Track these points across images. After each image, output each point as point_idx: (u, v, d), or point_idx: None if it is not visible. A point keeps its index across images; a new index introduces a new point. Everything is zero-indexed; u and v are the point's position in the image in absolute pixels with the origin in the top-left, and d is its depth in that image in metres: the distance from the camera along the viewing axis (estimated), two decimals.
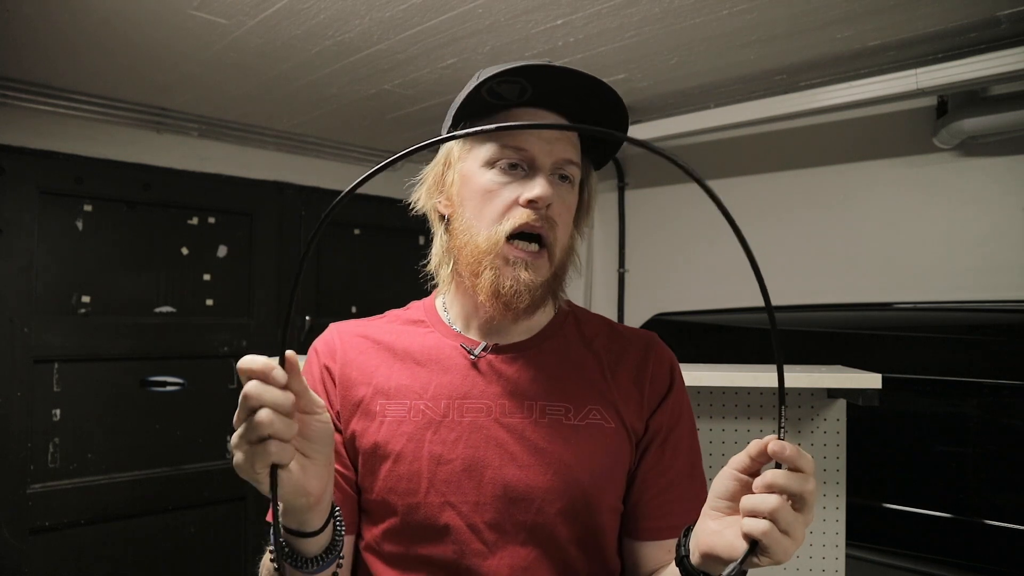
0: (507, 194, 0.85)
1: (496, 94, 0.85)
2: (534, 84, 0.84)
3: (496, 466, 0.85)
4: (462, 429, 0.86)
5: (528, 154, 0.85)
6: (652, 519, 0.89)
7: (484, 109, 0.87)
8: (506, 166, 0.86)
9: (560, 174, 0.87)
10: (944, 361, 2.09)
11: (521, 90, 0.85)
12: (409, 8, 1.87)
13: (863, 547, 2.01)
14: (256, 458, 0.64)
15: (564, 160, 0.87)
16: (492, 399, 0.87)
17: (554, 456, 0.85)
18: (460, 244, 0.88)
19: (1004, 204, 2.23)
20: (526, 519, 0.84)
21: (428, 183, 0.94)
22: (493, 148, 0.86)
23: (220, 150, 3.01)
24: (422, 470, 0.85)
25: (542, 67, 0.82)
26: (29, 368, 2.55)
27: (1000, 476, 1.95)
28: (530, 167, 0.86)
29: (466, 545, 0.84)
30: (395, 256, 3.54)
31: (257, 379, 0.63)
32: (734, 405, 1.73)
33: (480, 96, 0.85)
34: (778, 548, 0.62)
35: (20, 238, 2.55)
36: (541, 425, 0.86)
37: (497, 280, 0.85)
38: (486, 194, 0.86)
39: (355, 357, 0.93)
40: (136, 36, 2.07)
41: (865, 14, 1.89)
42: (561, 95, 0.86)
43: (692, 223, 3.00)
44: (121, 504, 2.72)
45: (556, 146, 0.86)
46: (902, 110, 2.40)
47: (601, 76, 0.83)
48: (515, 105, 0.87)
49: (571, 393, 0.89)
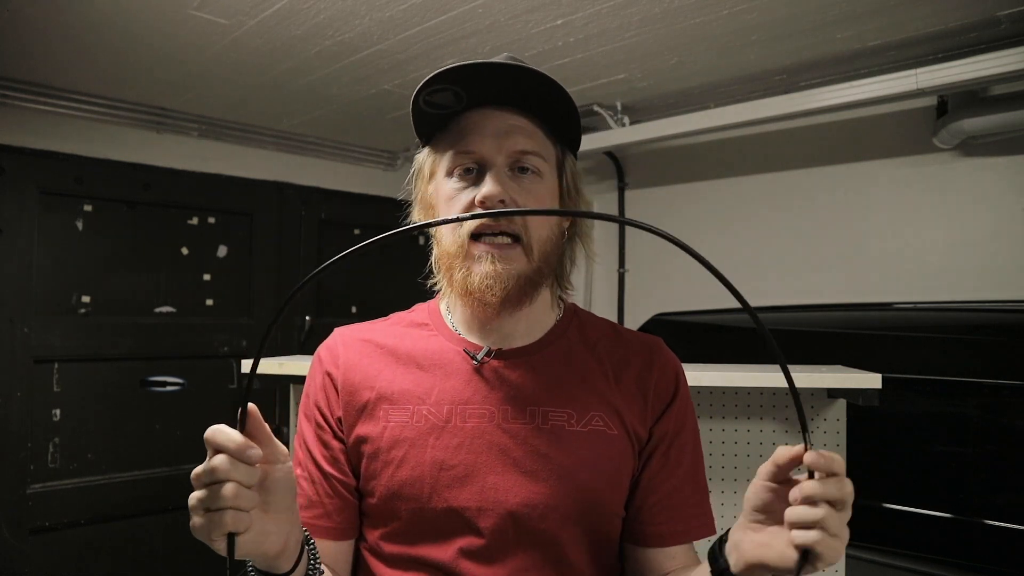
0: (464, 198, 0.86)
1: (434, 104, 0.86)
2: (466, 88, 0.84)
3: (498, 472, 0.85)
4: (464, 435, 0.86)
5: (477, 155, 0.86)
6: (656, 525, 0.89)
7: (439, 119, 0.89)
8: (462, 171, 0.87)
9: (519, 167, 0.86)
10: (944, 361, 2.09)
11: (456, 96, 0.85)
12: (409, 8, 1.87)
13: (863, 547, 2.01)
14: (214, 527, 0.63)
15: (519, 152, 0.86)
16: (495, 405, 0.87)
17: (556, 462, 0.85)
18: (440, 252, 0.90)
19: (1004, 204, 2.23)
20: (528, 525, 0.84)
21: (416, 199, 0.96)
22: (448, 157, 0.88)
23: (220, 150, 3.01)
24: (424, 476, 0.85)
25: (460, 68, 0.81)
26: (29, 368, 2.55)
27: (1000, 476, 1.95)
28: (481, 167, 0.86)
29: (468, 550, 0.84)
30: (395, 256, 3.54)
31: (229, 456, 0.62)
32: (734, 405, 1.73)
33: (420, 109, 0.86)
34: (831, 552, 0.63)
35: (20, 238, 2.55)
36: (543, 431, 0.86)
37: (466, 278, 0.86)
38: (448, 201, 0.87)
39: (358, 361, 0.93)
40: (136, 36, 2.07)
41: (865, 14, 1.89)
42: (502, 92, 0.85)
43: (692, 223, 3.00)
44: (121, 504, 2.72)
45: (507, 141, 0.85)
46: (902, 110, 2.40)
47: (601, 76, 0.83)
48: (461, 111, 0.87)
49: (574, 399, 0.89)
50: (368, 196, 3.43)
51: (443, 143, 0.89)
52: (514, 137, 0.86)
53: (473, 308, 0.88)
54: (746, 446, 1.72)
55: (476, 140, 0.85)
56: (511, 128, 0.86)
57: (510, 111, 0.87)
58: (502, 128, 0.86)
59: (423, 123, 0.90)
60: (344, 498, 0.90)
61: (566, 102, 0.86)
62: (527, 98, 0.86)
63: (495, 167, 0.85)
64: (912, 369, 2.10)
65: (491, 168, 0.85)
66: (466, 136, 0.86)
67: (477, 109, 0.87)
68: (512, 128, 0.86)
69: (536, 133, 0.88)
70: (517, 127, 0.86)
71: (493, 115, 0.86)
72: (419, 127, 0.90)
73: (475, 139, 0.85)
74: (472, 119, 0.86)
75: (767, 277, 2.74)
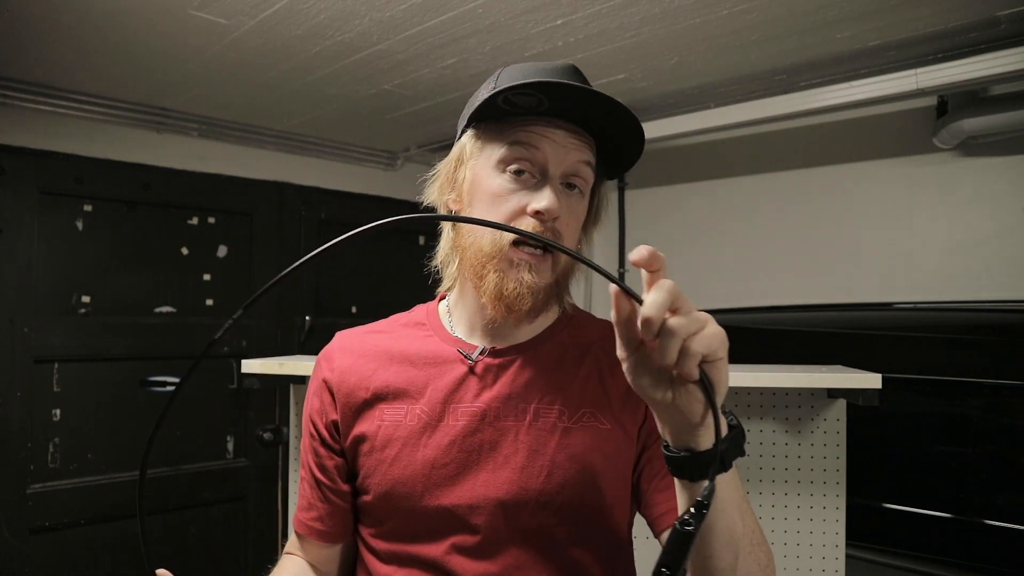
0: (515, 201, 0.84)
1: (512, 103, 0.84)
2: (551, 97, 0.83)
3: (489, 469, 0.86)
4: (456, 433, 0.87)
5: (540, 157, 0.84)
6: (656, 507, 0.89)
7: (498, 113, 0.87)
8: (516, 170, 0.85)
9: (568, 183, 0.86)
10: (944, 361, 2.09)
11: (537, 102, 0.83)
12: (409, 8, 1.87)
13: (863, 547, 2.01)
14: None
15: (575, 169, 0.86)
16: (486, 402, 0.88)
17: (547, 458, 0.86)
18: (466, 244, 0.88)
19: (1004, 204, 2.23)
20: (519, 521, 0.84)
21: (440, 179, 0.94)
22: (505, 148, 0.85)
23: (220, 150, 3.01)
24: (417, 474, 0.86)
25: (560, 85, 0.81)
26: (29, 368, 2.55)
27: (1000, 476, 1.95)
28: (541, 175, 0.85)
29: (461, 547, 0.85)
30: (395, 256, 3.54)
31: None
32: (734, 405, 1.73)
33: (496, 104, 0.84)
34: (712, 348, 0.59)
35: (20, 238, 2.55)
36: (534, 427, 0.87)
37: (501, 282, 0.85)
38: (495, 198, 0.85)
39: (353, 363, 0.94)
40: (136, 36, 2.07)
41: (865, 14, 1.89)
42: (578, 109, 0.85)
43: (692, 223, 3.00)
44: (121, 504, 2.72)
45: (570, 154, 0.85)
46: (902, 110, 2.41)
47: (601, 76, 0.83)
48: (531, 114, 0.86)
49: (566, 395, 0.89)
50: (368, 196, 3.43)
51: (500, 135, 0.86)
52: (576, 152, 0.86)
53: (496, 312, 0.87)
54: (746, 446, 1.72)
55: (546, 146, 0.84)
56: (576, 145, 0.86)
57: (577, 128, 0.86)
58: (569, 143, 0.85)
59: (485, 114, 0.87)
60: (334, 504, 0.94)
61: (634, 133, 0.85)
62: (594, 120, 0.86)
63: (553, 179, 0.85)
64: (912, 369, 2.10)
65: (550, 179, 0.84)
66: (535, 140, 0.84)
67: (545, 118, 0.86)
68: (576, 145, 0.86)
69: (591, 153, 0.88)
70: (580, 145, 0.86)
71: (564, 127, 0.85)
72: (477, 115, 0.88)
73: (546, 145, 0.84)
74: (543, 124, 0.85)
75: (767, 277, 2.74)
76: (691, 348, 0.58)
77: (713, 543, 0.69)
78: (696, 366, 0.59)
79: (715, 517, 0.68)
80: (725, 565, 0.70)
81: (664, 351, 0.58)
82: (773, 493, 1.70)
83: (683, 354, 0.58)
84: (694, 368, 0.59)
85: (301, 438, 1.01)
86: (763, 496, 1.70)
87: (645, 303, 0.58)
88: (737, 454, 0.67)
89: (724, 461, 0.65)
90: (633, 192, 3.22)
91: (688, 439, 0.64)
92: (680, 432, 0.65)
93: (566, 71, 0.88)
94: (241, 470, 3.05)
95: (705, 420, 0.63)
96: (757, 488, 1.70)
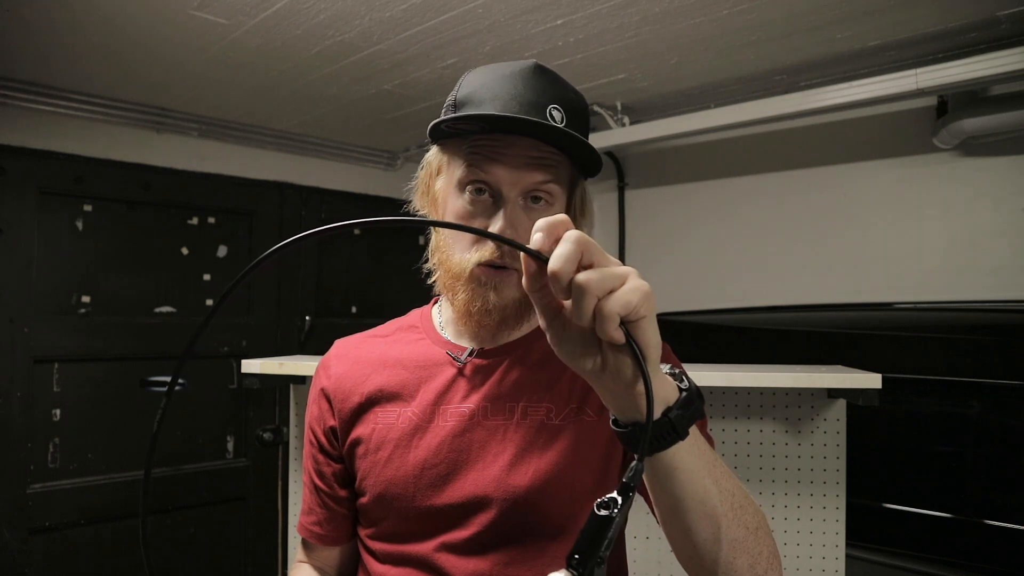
0: (476, 225, 0.84)
1: (456, 129, 0.84)
2: (491, 123, 0.81)
3: (479, 468, 0.86)
4: (446, 433, 0.88)
5: (493, 180, 0.83)
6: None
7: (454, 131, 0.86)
8: (474, 191, 0.85)
9: (532, 196, 0.85)
10: (944, 361, 2.09)
11: (481, 127, 0.83)
12: (409, 8, 1.87)
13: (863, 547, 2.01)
14: None
15: (532, 187, 0.84)
16: (475, 403, 0.89)
17: (536, 455, 0.86)
18: (442, 258, 0.90)
19: (1004, 204, 2.23)
20: (508, 518, 0.85)
21: (420, 189, 0.95)
22: (463, 168, 0.84)
23: (220, 150, 3.01)
24: (408, 475, 0.88)
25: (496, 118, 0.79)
26: (29, 368, 2.55)
27: (1000, 476, 1.95)
28: (496, 195, 0.84)
29: (451, 544, 0.86)
30: (395, 256, 3.54)
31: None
32: (734, 405, 1.73)
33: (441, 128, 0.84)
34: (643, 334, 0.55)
35: (20, 238, 2.55)
36: (523, 426, 0.88)
37: (469, 301, 0.86)
38: (458, 220, 0.86)
39: (349, 369, 0.97)
40: (136, 36, 2.07)
41: (865, 14, 1.89)
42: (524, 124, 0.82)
43: (692, 223, 3.00)
44: (121, 504, 2.72)
45: (524, 174, 0.83)
46: (902, 110, 2.40)
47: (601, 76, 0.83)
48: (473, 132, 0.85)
49: (554, 392, 0.90)
50: (368, 196, 3.43)
51: (459, 153, 0.86)
52: (532, 172, 0.83)
53: (467, 326, 0.90)
54: (746, 446, 1.72)
55: (494, 170, 0.83)
56: (531, 161, 0.83)
57: (531, 140, 0.83)
58: (521, 160, 0.83)
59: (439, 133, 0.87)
60: (331, 509, 0.97)
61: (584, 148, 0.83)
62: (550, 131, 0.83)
63: (510, 201, 0.83)
64: (912, 369, 2.10)
65: (506, 201, 0.83)
66: (484, 163, 0.83)
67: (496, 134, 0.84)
68: (532, 161, 0.83)
69: (554, 160, 0.84)
70: (538, 160, 0.83)
71: (515, 143, 0.83)
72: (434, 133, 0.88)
73: (493, 169, 0.83)
74: (493, 144, 0.83)
75: (767, 277, 2.74)
76: (605, 307, 0.53)
77: (687, 516, 0.64)
78: (616, 327, 0.53)
79: (683, 488, 0.63)
80: (706, 536, 0.65)
81: (577, 311, 0.53)
82: (773, 493, 1.70)
83: (599, 315, 0.53)
84: (613, 329, 0.53)
85: (302, 439, 1.04)
86: (763, 496, 1.70)
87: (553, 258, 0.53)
88: (694, 418, 0.61)
89: (676, 428, 0.59)
90: (633, 192, 3.22)
91: (632, 410, 0.59)
92: (622, 403, 0.59)
93: (525, 74, 0.85)
94: (241, 470, 3.05)
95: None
96: (757, 488, 1.70)
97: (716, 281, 2.88)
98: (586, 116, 0.90)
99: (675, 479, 0.62)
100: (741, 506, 0.67)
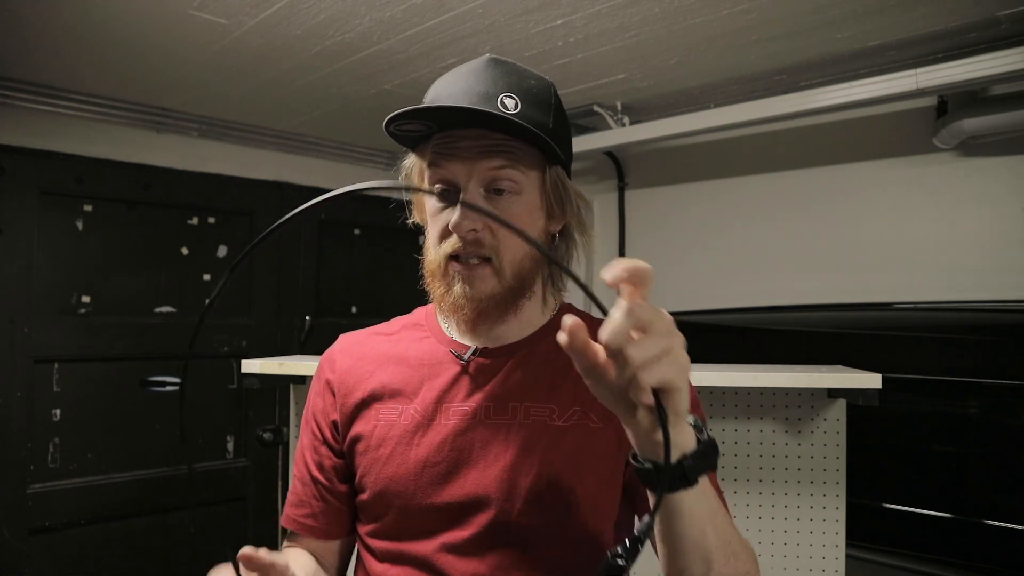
0: (442, 220, 0.87)
1: (404, 134, 0.86)
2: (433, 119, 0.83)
3: (480, 468, 0.86)
4: (448, 432, 0.88)
5: (449, 176, 0.85)
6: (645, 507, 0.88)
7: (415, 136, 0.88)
8: (440, 190, 0.87)
9: (495, 188, 0.85)
10: (944, 361, 2.09)
11: (426, 127, 0.85)
12: (409, 8, 1.87)
13: (863, 547, 2.01)
14: None
15: (490, 177, 0.84)
16: (478, 402, 0.89)
17: (537, 457, 0.86)
18: (425, 264, 0.92)
19: (1004, 204, 2.23)
20: (508, 519, 0.85)
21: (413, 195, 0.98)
22: (428, 170, 0.88)
23: (220, 150, 3.01)
24: (409, 473, 0.87)
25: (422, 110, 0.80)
26: (29, 368, 2.55)
27: (1000, 476, 1.95)
28: (458, 191, 0.86)
29: (450, 545, 0.86)
30: (395, 256, 3.54)
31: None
32: (734, 405, 1.73)
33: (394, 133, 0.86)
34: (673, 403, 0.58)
35: (20, 238, 2.55)
36: (525, 427, 0.87)
37: (443, 293, 0.88)
38: (432, 218, 0.89)
39: (353, 364, 0.97)
40: (136, 36, 2.07)
41: (865, 14, 1.89)
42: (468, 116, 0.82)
43: (692, 223, 3.00)
44: (121, 504, 2.72)
45: (477, 165, 0.83)
46: (902, 110, 2.40)
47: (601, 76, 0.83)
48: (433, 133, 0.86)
49: (557, 394, 0.89)
50: (369, 196, 3.43)
51: (425, 155, 0.89)
52: (485, 160, 0.83)
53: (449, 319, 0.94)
54: (746, 446, 1.72)
55: (450, 166, 0.85)
56: (483, 150, 0.83)
57: (480, 131, 0.83)
58: (474, 151, 0.83)
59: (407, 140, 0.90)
60: (329, 503, 0.96)
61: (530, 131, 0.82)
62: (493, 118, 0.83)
63: (467, 193, 0.84)
64: (912, 369, 2.10)
65: (464, 194, 0.85)
66: (442, 160, 0.85)
67: (446, 131, 0.85)
68: (484, 150, 0.83)
69: (508, 147, 0.83)
70: (490, 147, 0.83)
71: (465, 136, 0.84)
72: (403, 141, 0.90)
73: (449, 164, 0.85)
74: (444, 140, 0.85)
75: (767, 277, 2.74)
76: (642, 379, 0.56)
77: (683, 555, 0.70)
78: (648, 395, 0.57)
79: (683, 529, 0.68)
80: (698, 573, 0.71)
81: (617, 374, 0.57)
82: (773, 493, 1.70)
83: (634, 382, 0.56)
84: (646, 397, 0.57)
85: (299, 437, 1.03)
86: (763, 496, 1.70)
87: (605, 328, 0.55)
88: (706, 468, 0.65)
89: (688, 476, 0.63)
90: (633, 192, 3.22)
91: (651, 453, 0.63)
92: (643, 444, 0.63)
93: (477, 69, 0.86)
94: (241, 470, 3.05)
95: None
96: (757, 488, 1.70)
97: (716, 281, 2.87)
98: (548, 102, 0.88)
99: (678, 520, 0.67)
100: (735, 554, 0.73)
